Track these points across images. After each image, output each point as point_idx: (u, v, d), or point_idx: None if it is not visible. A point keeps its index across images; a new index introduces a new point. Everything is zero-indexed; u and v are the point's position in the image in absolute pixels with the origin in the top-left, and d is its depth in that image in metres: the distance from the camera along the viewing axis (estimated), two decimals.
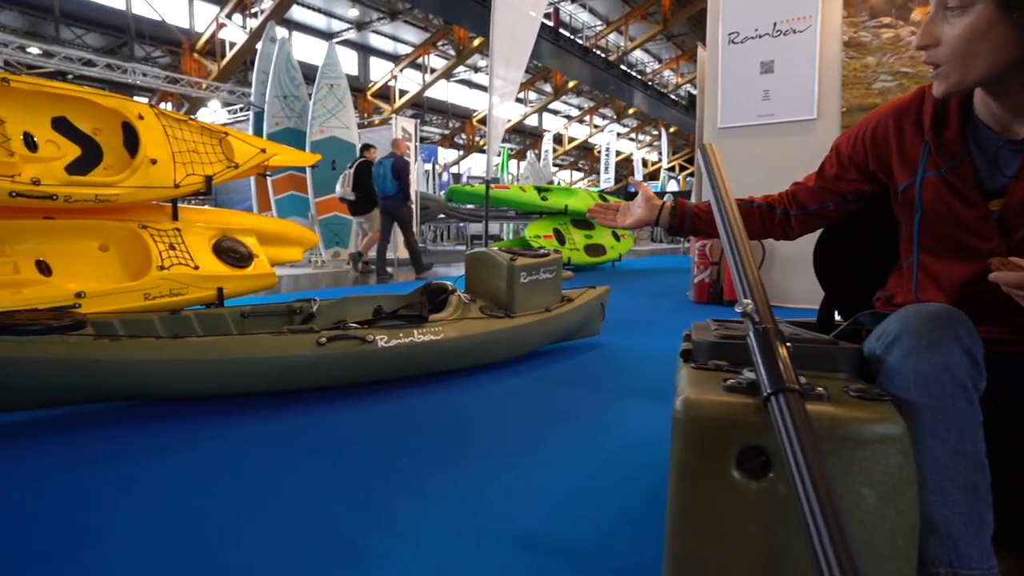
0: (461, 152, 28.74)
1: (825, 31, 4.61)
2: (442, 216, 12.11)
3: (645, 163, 36.61)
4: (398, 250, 8.12)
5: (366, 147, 7.65)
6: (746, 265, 0.91)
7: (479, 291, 2.95)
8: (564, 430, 2.00)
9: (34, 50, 9.88)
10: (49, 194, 3.16)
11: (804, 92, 4.67)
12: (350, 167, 7.43)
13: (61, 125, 3.48)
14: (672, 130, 32.50)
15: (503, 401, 2.32)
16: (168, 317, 2.52)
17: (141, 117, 3.71)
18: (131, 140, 3.69)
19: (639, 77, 26.08)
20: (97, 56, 9.05)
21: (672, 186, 27.47)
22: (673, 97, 28.29)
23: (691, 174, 37.33)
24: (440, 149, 24.55)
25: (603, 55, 23.33)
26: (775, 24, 4.76)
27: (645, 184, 1.48)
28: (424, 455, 1.78)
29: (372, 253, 7.70)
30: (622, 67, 24.31)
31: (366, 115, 21.52)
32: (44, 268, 3.24)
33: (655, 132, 37.56)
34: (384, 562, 1.20)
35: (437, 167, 19.69)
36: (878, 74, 4.45)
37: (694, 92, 30.80)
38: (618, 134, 31.12)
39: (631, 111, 31.62)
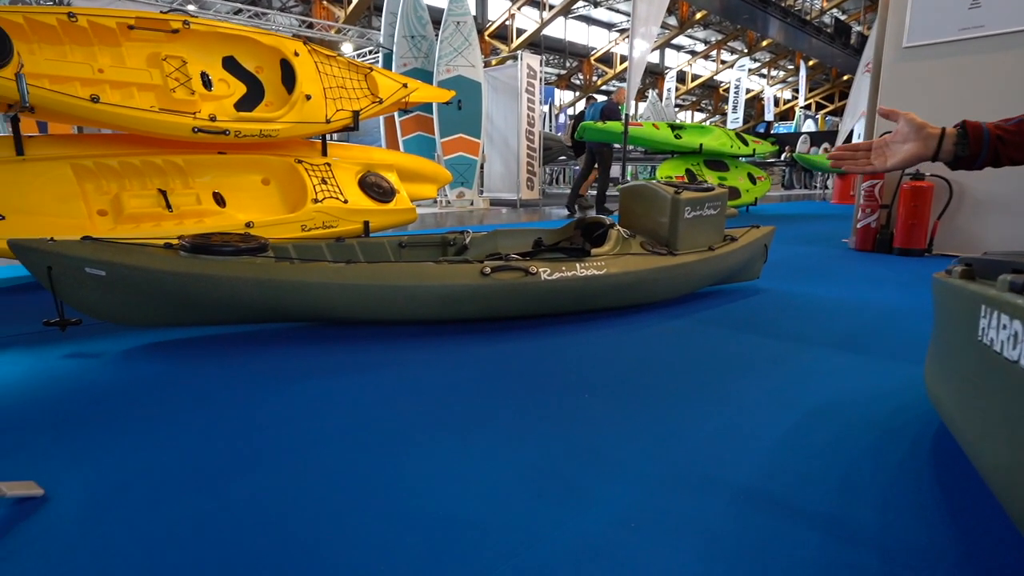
0: (577, 93, 27.83)
1: None
2: (562, 158, 11.82)
3: (776, 101, 33.51)
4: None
5: (590, 97, 8.41)
6: None
7: (636, 226, 2.77)
8: (751, 378, 1.82)
9: (191, 7, 10.62)
10: (223, 129, 3.35)
11: None
12: (572, 118, 7.96)
13: (230, 64, 3.64)
14: (811, 63, 29.29)
15: (673, 343, 2.17)
16: (334, 244, 2.58)
17: (296, 54, 3.80)
18: (288, 77, 3.81)
19: (778, 3, 23.48)
20: (243, 5, 9.52)
21: (809, 126, 24.94)
22: (816, 25, 25.27)
23: (832, 112, 33.72)
24: (556, 90, 23.89)
25: None
26: None
27: (900, 111, 1.17)
28: (609, 392, 1.68)
29: (591, 191, 8.63)
30: None
31: (484, 56, 21.30)
32: (219, 200, 3.48)
33: (790, 67, 34.08)
34: (601, 506, 1.12)
35: (554, 108, 19.20)
36: None
37: (842, 17, 27.34)
38: (749, 70, 28.48)
39: (764, 43, 28.79)
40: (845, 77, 32.93)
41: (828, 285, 3.33)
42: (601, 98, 9.78)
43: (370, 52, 10.63)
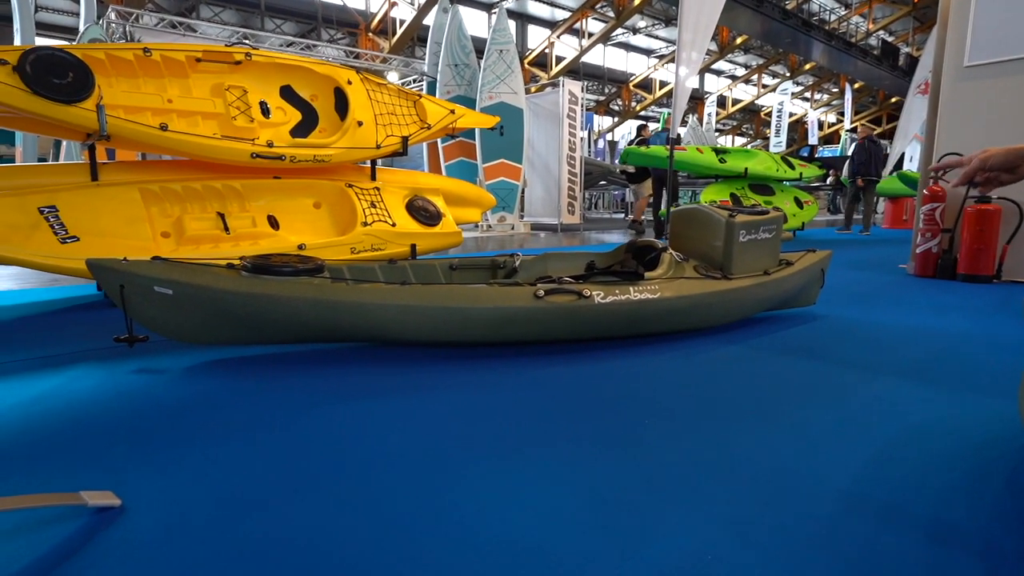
0: (616, 119, 27.93)
1: None
2: (603, 182, 11.82)
3: (821, 125, 32.89)
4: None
5: (642, 126, 9.12)
6: None
7: (688, 250, 2.72)
8: (816, 407, 1.74)
9: (246, 41, 11.20)
10: (279, 155, 3.47)
11: None
12: (629, 143, 8.53)
13: (287, 93, 3.80)
14: (856, 86, 28.73)
15: (730, 369, 2.11)
16: (387, 266, 2.62)
17: (349, 83, 3.93)
18: (341, 104, 3.94)
19: (821, 26, 23.23)
20: (295, 39, 9.95)
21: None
22: (861, 47, 24.86)
23: (880, 135, 32.89)
24: (595, 116, 24.04)
25: (778, 4, 21.06)
26: None
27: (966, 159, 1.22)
28: (668, 418, 1.63)
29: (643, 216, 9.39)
30: (800, 16, 21.79)
31: (525, 83, 21.66)
32: (273, 222, 3.59)
33: (834, 89, 33.51)
34: (671, 537, 1.08)
35: (592, 134, 19.30)
36: None
37: (890, 39, 26.82)
38: (792, 93, 28.13)
39: (807, 66, 28.42)
40: (893, 99, 32.16)
41: (889, 312, 3.20)
42: (651, 125, 9.97)
43: (414, 80, 10.93)
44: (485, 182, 8.90)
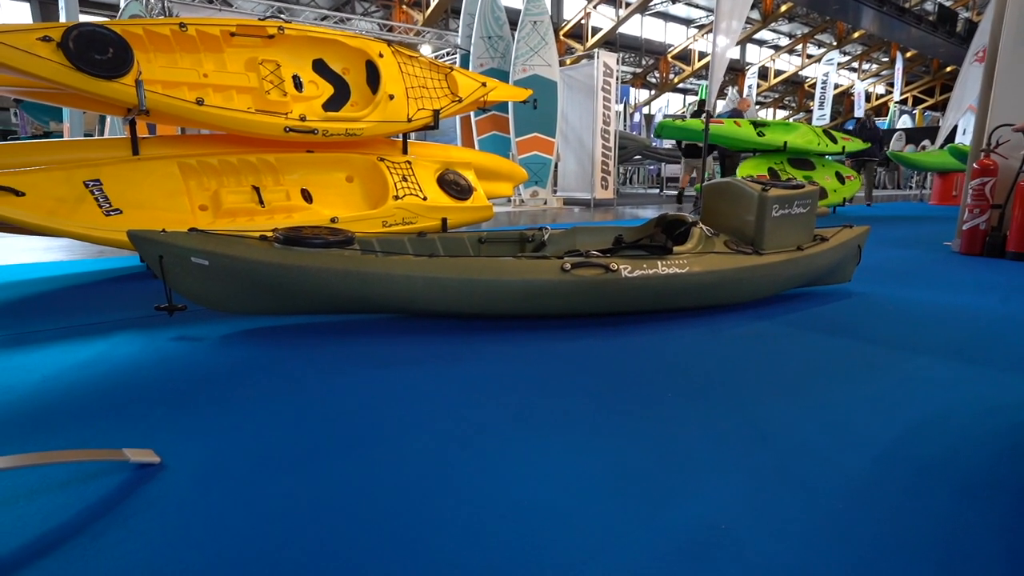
0: (653, 92, 27.26)
1: None
2: (638, 157, 11.61)
3: (868, 97, 31.49)
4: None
5: (702, 102, 8.78)
6: None
7: (720, 225, 2.67)
8: (846, 383, 1.72)
9: (282, 16, 11.27)
10: (312, 128, 3.51)
11: None
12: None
13: (319, 66, 3.82)
14: (909, 55, 27.30)
15: (760, 345, 2.08)
16: (416, 239, 2.65)
17: (381, 55, 3.93)
18: (372, 78, 3.95)
19: None
20: (329, 12, 9.96)
21: (905, 122, 23.27)
22: (916, 12, 23.54)
23: (932, 107, 31.32)
24: (631, 89, 23.50)
25: None
26: None
27: None
28: (694, 392, 1.63)
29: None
30: None
31: (560, 55, 21.29)
32: (307, 196, 3.65)
33: (884, 59, 31.94)
34: (688, 506, 1.09)
35: (628, 107, 18.91)
36: None
37: (947, 3, 25.30)
38: (838, 64, 26.88)
39: (856, 35, 27.11)
40: (948, 69, 30.51)
41: (930, 290, 3.09)
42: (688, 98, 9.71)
43: (447, 54, 10.85)
44: (518, 156, 8.84)
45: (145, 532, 0.97)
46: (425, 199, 3.95)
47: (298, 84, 3.67)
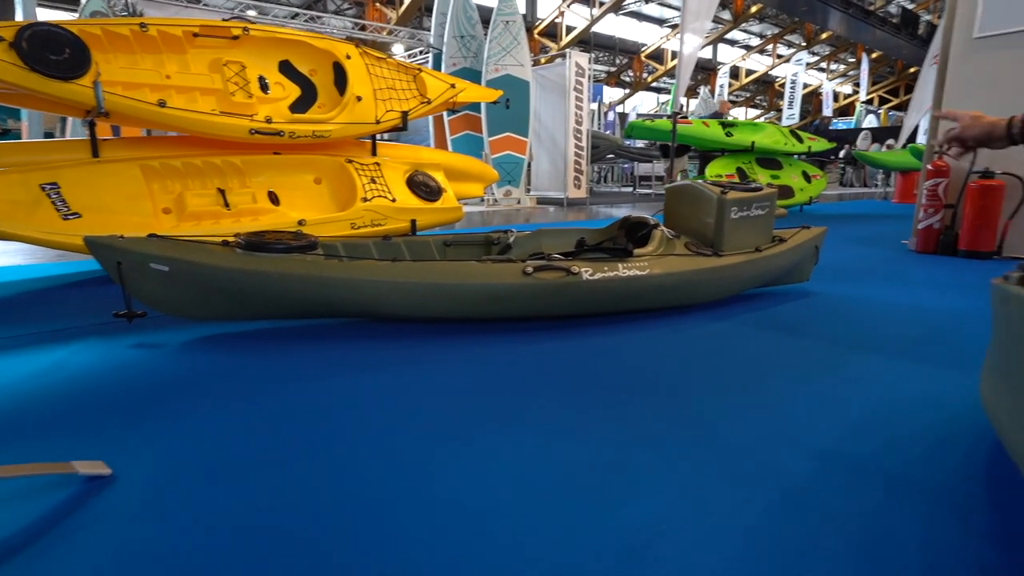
0: (627, 91, 27.48)
1: None
2: (611, 156, 11.71)
3: (836, 96, 32.16)
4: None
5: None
6: None
7: (681, 227, 2.73)
8: (796, 381, 1.78)
9: (251, 12, 11.06)
10: (278, 131, 3.48)
11: None
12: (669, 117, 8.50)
13: (285, 68, 3.79)
14: (874, 56, 27.97)
15: (716, 345, 2.14)
16: (381, 243, 2.65)
17: (348, 57, 3.91)
18: (340, 79, 3.93)
19: None
20: (300, 10, 9.85)
21: (870, 121, 23.85)
22: (880, 15, 24.13)
23: (896, 107, 32.14)
24: (605, 87, 23.64)
25: None
26: None
27: (961, 112, 1.26)
28: (650, 391, 1.68)
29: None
30: None
31: (533, 55, 21.34)
32: (274, 198, 3.62)
33: (851, 60, 32.66)
34: (644, 499, 1.12)
35: (602, 106, 19.02)
36: None
37: (910, 6, 25.98)
38: (807, 64, 27.42)
39: (824, 36, 27.68)
40: (912, 70, 31.33)
41: (884, 289, 3.20)
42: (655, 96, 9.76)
43: (420, 52, 10.81)
44: (491, 156, 8.85)
45: (91, 547, 0.98)
46: (394, 201, 3.95)
47: (264, 86, 3.64)
